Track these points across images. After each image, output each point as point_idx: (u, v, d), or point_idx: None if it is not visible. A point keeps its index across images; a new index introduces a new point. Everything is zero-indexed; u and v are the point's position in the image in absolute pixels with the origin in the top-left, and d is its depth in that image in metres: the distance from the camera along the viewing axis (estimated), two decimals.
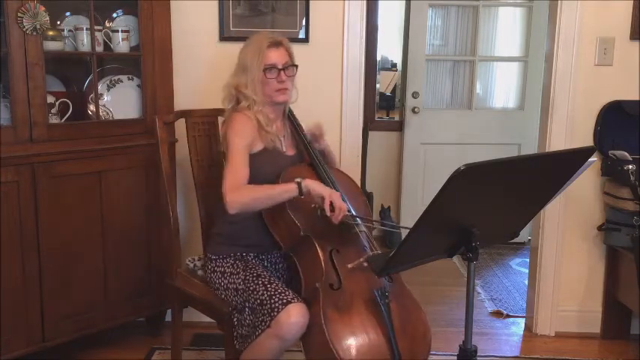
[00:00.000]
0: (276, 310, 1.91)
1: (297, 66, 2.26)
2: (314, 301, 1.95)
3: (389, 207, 4.69)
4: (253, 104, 2.19)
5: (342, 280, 2.01)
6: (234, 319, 2.09)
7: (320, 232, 2.08)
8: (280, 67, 2.19)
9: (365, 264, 2.01)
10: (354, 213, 2.14)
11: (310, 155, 2.29)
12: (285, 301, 1.92)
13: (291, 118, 2.35)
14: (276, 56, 2.20)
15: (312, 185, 2.02)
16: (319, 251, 2.05)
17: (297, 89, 2.32)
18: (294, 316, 1.89)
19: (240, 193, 2.04)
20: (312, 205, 2.04)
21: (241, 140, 2.14)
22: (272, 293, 1.96)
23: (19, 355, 2.43)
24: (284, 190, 2.03)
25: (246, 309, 2.04)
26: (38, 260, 2.43)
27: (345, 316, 1.95)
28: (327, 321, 1.90)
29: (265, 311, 1.94)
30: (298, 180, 2.02)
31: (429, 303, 3.26)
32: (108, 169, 2.61)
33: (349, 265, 2.02)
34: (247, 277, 2.07)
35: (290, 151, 2.31)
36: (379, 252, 2.10)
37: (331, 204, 1.98)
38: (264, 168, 2.16)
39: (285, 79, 2.20)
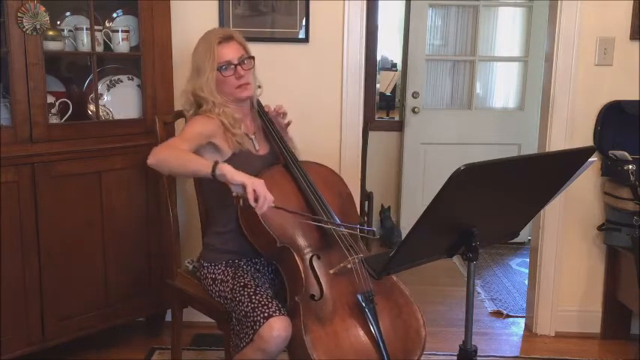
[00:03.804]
0: (258, 323, 1.88)
1: (253, 57, 2.19)
2: (295, 315, 1.92)
3: (389, 207, 4.69)
4: (214, 107, 2.11)
5: (324, 289, 1.98)
6: (231, 325, 2.08)
7: (298, 241, 2.04)
8: (236, 62, 2.12)
9: (348, 266, 1.99)
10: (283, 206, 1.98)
11: (283, 154, 2.21)
12: (266, 314, 1.89)
13: (260, 113, 2.28)
14: (229, 52, 2.12)
15: (230, 172, 1.86)
16: (298, 262, 2.00)
17: (259, 80, 2.25)
18: (275, 330, 1.86)
19: (167, 149, 1.99)
20: (234, 194, 1.90)
21: (198, 126, 2.08)
22: (255, 305, 1.93)
23: (19, 355, 2.42)
24: (199, 164, 1.92)
25: (234, 319, 2.03)
26: (38, 260, 2.43)
27: (328, 327, 1.92)
28: (308, 333, 1.88)
29: (249, 324, 1.92)
30: (217, 160, 1.91)
31: (429, 303, 3.27)
32: (108, 169, 2.61)
33: (331, 271, 1.99)
34: (235, 287, 2.05)
35: (263, 150, 2.25)
36: (361, 254, 2.05)
37: (254, 193, 1.84)
38: None
39: (244, 73, 2.13)
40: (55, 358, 2.60)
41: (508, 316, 3.36)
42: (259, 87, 2.28)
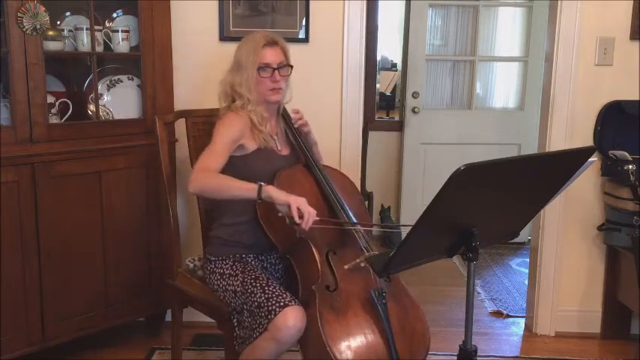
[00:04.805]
0: (273, 313, 1.90)
1: (292, 66, 2.26)
2: (310, 304, 1.94)
3: (389, 207, 4.69)
4: (247, 103, 2.19)
5: (339, 282, 2.01)
6: (234, 320, 2.09)
7: (316, 234, 2.07)
8: (275, 66, 2.19)
9: (362, 264, 2.01)
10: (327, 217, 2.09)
11: (305, 156, 2.27)
12: (282, 304, 1.91)
13: (285, 117, 2.33)
14: (271, 55, 2.19)
15: (275, 193, 1.95)
16: (315, 253, 2.04)
17: (291, 89, 2.32)
18: (291, 320, 1.88)
19: (205, 176, 2.04)
20: (279, 214, 1.98)
21: (228, 132, 2.14)
22: (269, 296, 1.95)
23: (20, 355, 2.43)
24: (243, 190, 2.00)
25: (245, 311, 2.04)
26: (38, 260, 2.43)
27: (342, 318, 1.94)
28: (324, 323, 1.90)
29: (263, 314, 1.93)
30: (261, 183, 1.98)
31: (429, 303, 3.26)
32: (108, 169, 2.61)
33: (346, 266, 2.02)
34: (245, 280, 2.06)
35: (284, 151, 2.30)
36: (376, 252, 2.08)
37: (299, 210, 1.91)
38: (259, 168, 2.16)
39: (279, 79, 2.20)
40: (55, 358, 2.60)
41: (508, 316, 3.36)
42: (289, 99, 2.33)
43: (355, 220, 2.16)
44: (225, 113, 2.22)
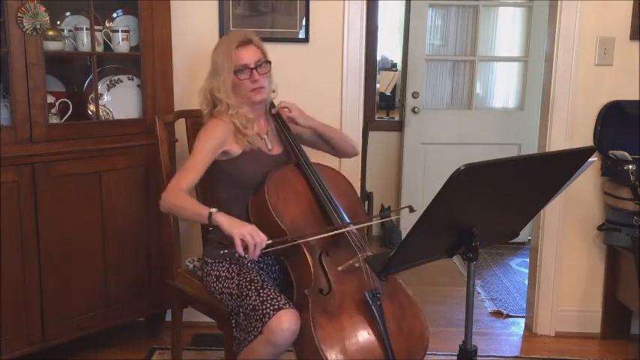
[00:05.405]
0: (267, 316, 1.89)
1: (270, 62, 2.22)
2: (304, 308, 1.94)
3: (389, 207, 4.69)
4: (227, 108, 2.16)
5: (332, 284, 2.00)
6: (232, 321, 2.09)
7: (308, 236, 2.05)
8: (252, 66, 2.15)
9: (356, 264, 2.01)
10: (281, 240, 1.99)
11: (295, 154, 2.24)
12: (276, 307, 1.90)
13: (274, 115, 2.31)
14: (246, 55, 2.16)
15: (223, 223, 1.92)
16: (308, 256, 2.03)
17: (275, 84, 2.29)
18: (285, 323, 1.88)
19: (171, 196, 2.04)
20: (222, 252, 1.97)
21: (207, 142, 2.12)
22: (264, 299, 1.94)
23: (20, 355, 2.42)
24: (198, 214, 1.99)
25: (241, 314, 2.04)
26: (38, 260, 2.43)
27: (335, 321, 1.94)
28: (317, 327, 1.89)
29: (257, 317, 1.93)
30: (212, 211, 1.94)
31: (429, 303, 3.26)
32: (108, 169, 2.61)
33: (339, 268, 2.01)
34: (241, 282, 2.06)
35: (276, 150, 2.28)
36: (369, 253, 2.08)
37: (243, 242, 1.87)
38: (248, 170, 2.15)
39: (259, 77, 2.16)
40: (55, 358, 2.60)
41: (508, 316, 3.36)
42: (273, 91, 2.31)
43: (348, 220, 2.13)
44: (208, 120, 2.20)
